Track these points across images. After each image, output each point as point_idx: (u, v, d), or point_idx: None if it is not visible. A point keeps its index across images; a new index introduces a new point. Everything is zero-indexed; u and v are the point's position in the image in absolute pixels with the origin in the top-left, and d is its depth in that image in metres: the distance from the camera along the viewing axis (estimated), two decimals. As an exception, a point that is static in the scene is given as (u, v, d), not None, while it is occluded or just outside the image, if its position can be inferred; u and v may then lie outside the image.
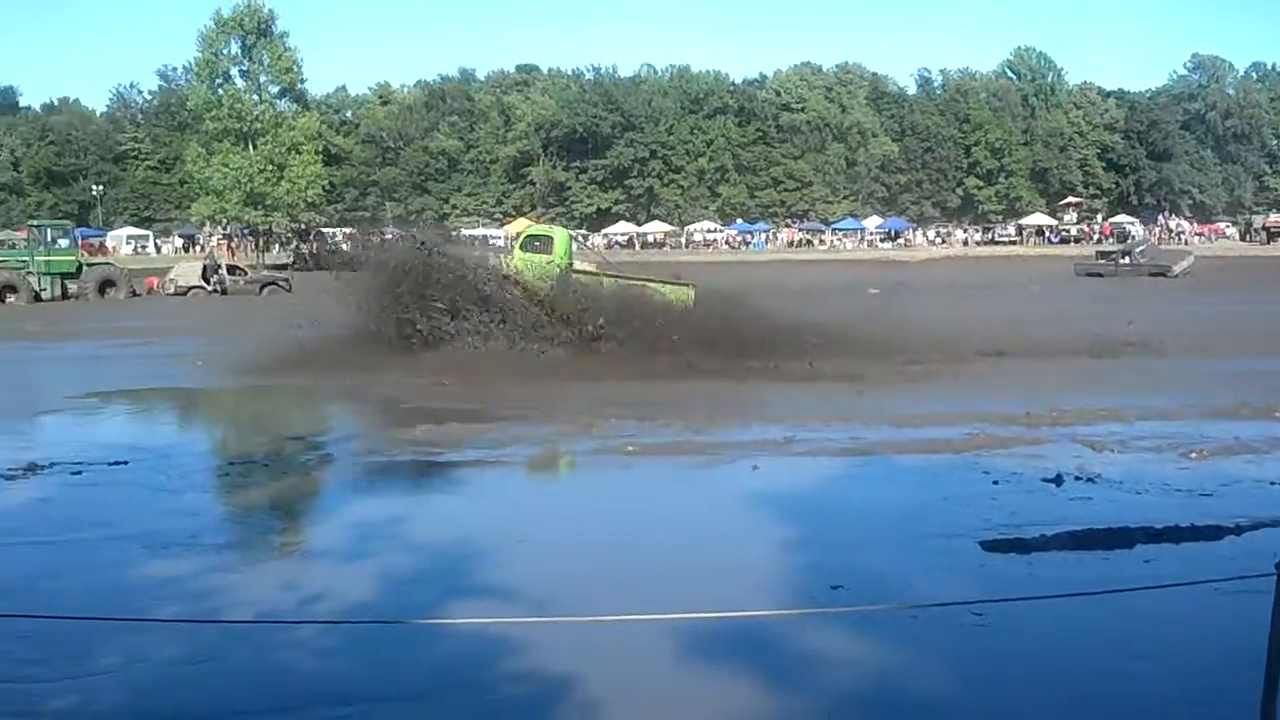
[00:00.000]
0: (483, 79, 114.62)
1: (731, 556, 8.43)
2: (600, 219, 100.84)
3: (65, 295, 42.81)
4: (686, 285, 23.34)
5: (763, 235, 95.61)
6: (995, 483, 10.45)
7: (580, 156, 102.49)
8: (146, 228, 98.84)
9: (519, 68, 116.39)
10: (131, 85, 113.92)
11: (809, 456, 11.89)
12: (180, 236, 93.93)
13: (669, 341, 19.65)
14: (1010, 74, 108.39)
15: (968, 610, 6.71)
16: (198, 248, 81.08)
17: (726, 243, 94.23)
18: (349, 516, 9.80)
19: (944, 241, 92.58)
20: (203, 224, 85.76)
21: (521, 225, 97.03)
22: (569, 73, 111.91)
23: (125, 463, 11.77)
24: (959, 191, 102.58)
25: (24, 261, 43.34)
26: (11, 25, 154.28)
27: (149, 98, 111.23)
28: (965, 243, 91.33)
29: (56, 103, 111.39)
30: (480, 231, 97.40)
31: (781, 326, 21.37)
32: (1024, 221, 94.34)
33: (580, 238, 33.27)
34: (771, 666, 6.07)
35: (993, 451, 11.95)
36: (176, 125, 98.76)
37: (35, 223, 51.06)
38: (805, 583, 7.59)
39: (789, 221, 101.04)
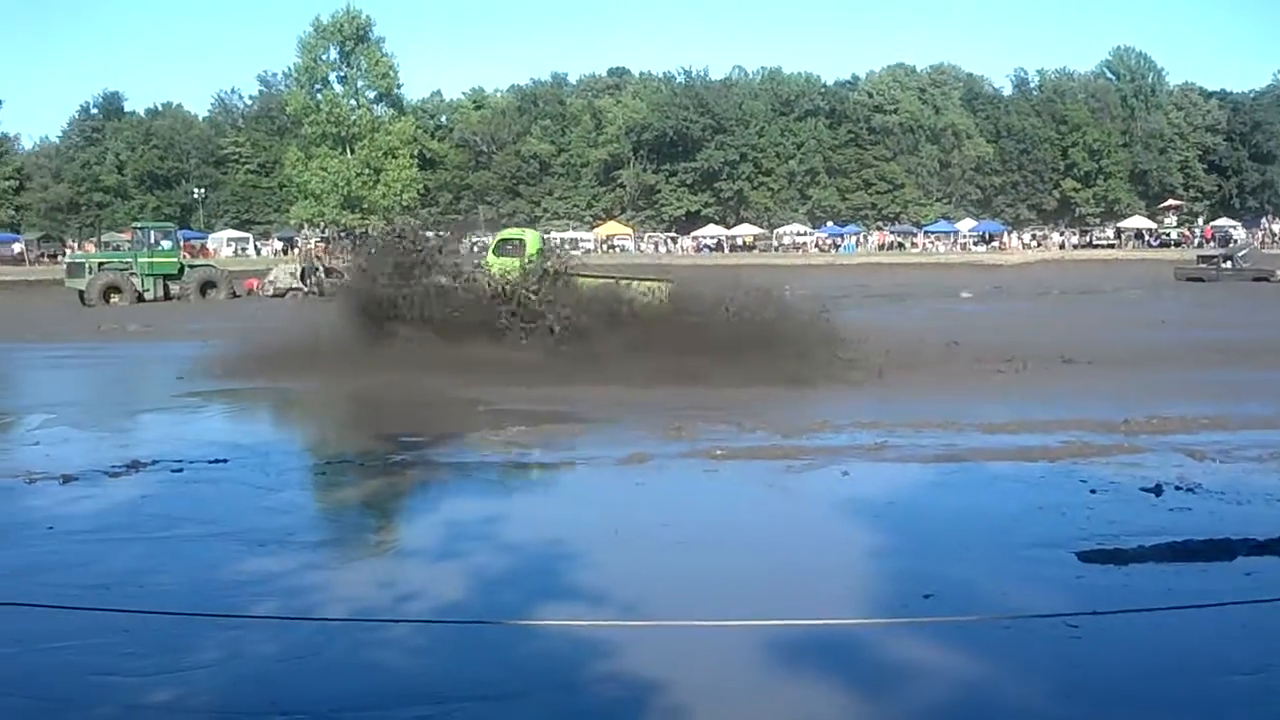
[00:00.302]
0: (575, 83, 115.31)
1: (821, 563, 8.37)
2: (689, 222, 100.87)
3: (168, 296, 43.90)
4: (661, 281, 23.43)
5: (853, 238, 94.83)
6: (1092, 492, 10.23)
7: (670, 159, 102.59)
8: (246, 230, 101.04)
9: (610, 71, 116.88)
10: (233, 90, 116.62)
11: (900, 463, 11.75)
12: (279, 239, 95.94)
13: (656, 337, 19.32)
14: (1109, 74, 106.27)
15: (1063, 622, 6.58)
16: (296, 250, 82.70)
17: (816, 245, 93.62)
18: (441, 516, 9.91)
19: (1040, 245, 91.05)
20: (300, 227, 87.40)
21: (611, 228, 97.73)
22: (660, 76, 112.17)
23: (225, 460, 12.04)
24: (1055, 194, 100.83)
25: (128, 263, 44.54)
26: (117, 32, 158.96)
27: (249, 103, 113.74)
28: (1062, 246, 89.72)
29: (160, 107, 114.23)
30: (570, 234, 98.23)
31: (866, 332, 21.16)
32: (1122, 225, 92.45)
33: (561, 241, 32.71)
34: (861, 676, 6.00)
35: (1090, 460, 11.70)
36: (276, 130, 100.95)
37: (139, 225, 52.46)
38: (896, 591, 7.50)
39: (880, 224, 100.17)
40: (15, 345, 28.61)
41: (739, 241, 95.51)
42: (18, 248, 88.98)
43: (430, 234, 24.38)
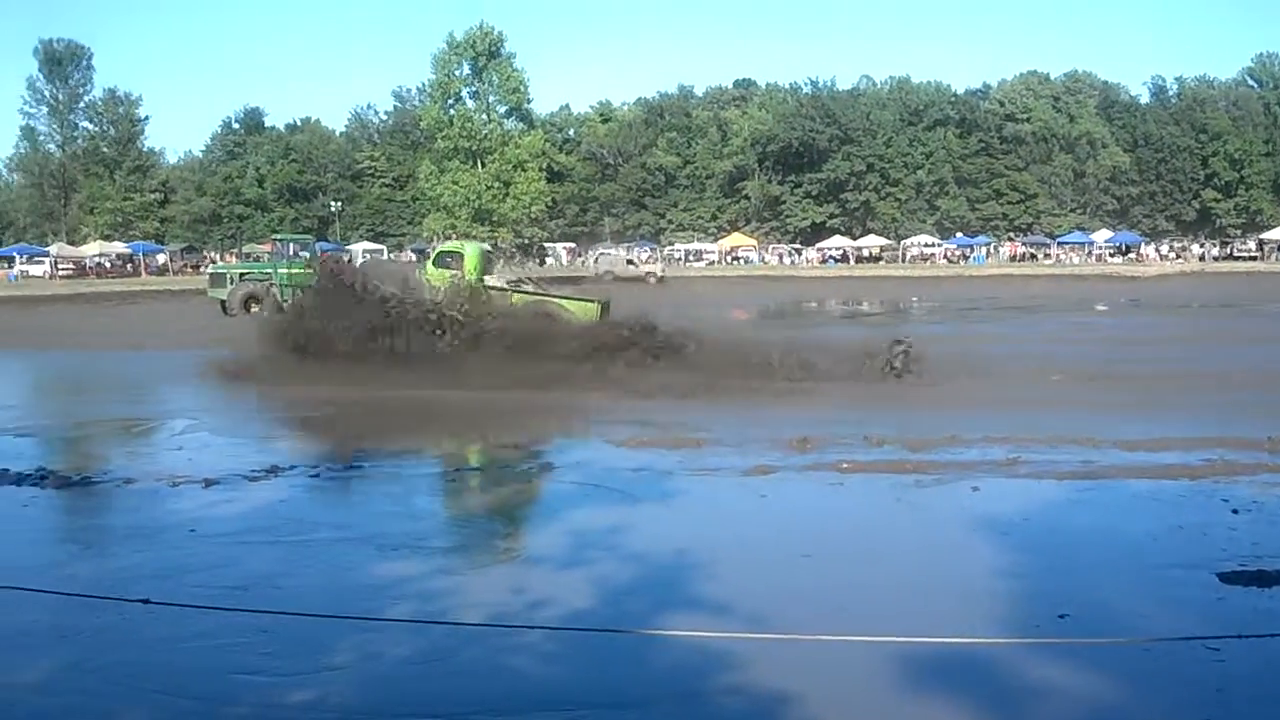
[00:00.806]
0: (700, 95, 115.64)
1: (950, 579, 8.22)
2: (815, 233, 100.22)
3: (306, 307, 45.04)
4: (592, 301, 24.35)
5: (983, 249, 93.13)
6: (1235, 511, 9.87)
7: (796, 170, 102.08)
8: (381, 242, 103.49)
9: (737, 83, 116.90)
10: (369, 106, 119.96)
11: (1034, 479, 11.48)
12: (412, 251, 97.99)
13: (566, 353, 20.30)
14: (1251, 81, 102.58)
15: (1203, 645, 6.36)
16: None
17: (945, 257, 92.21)
18: (568, 524, 9.98)
19: (1179, 256, 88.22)
20: (432, 239, 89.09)
21: (736, 240, 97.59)
22: (786, 87, 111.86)
23: (360, 466, 12.35)
24: (1195, 204, 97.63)
25: (268, 274, 45.78)
26: (258, 50, 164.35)
27: (385, 118, 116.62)
28: (1201, 258, 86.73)
29: (299, 123, 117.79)
30: (695, 246, 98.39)
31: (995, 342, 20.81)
32: (1265, 236, 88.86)
33: (506, 254, 33.25)
34: (992, 696, 5.88)
35: (1233, 479, 11.27)
36: (410, 144, 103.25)
37: (279, 237, 53.99)
38: (1029, 610, 7.33)
39: (1012, 235, 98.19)
40: (164, 353, 29.54)
41: (865, 253, 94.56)
42: (162, 258, 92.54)
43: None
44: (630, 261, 75.82)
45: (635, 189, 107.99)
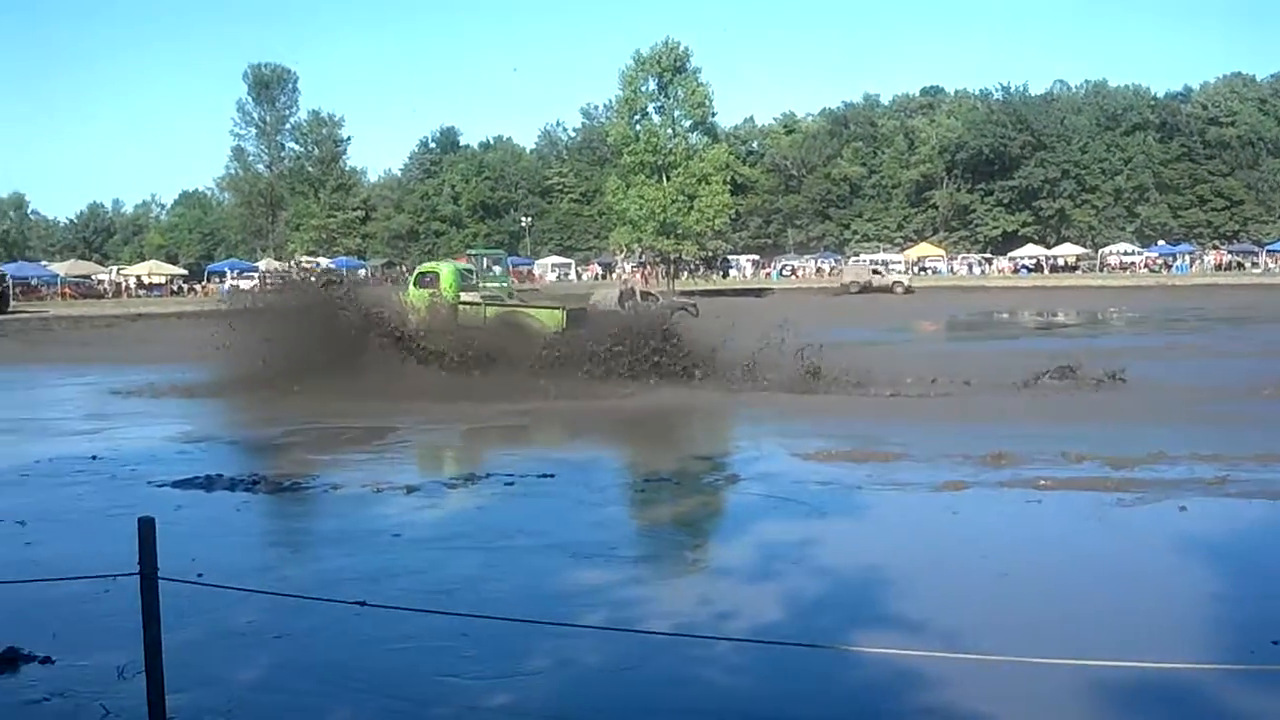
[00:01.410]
0: (887, 103, 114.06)
1: (1155, 602, 7.91)
2: (1006, 242, 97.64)
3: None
4: (558, 309, 25.72)
5: (1186, 257, 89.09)
6: None
7: (986, 178, 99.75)
8: (569, 256, 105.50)
9: (924, 90, 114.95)
10: (558, 124, 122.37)
11: (1244, 499, 10.95)
12: (599, 264, 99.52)
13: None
14: None
15: None
16: (613, 275, 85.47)
17: (1145, 265, 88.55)
18: (756, 536, 9.99)
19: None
20: (615, 252, 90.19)
21: (923, 250, 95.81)
22: (976, 93, 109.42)
23: (552, 476, 12.60)
24: None
25: (463, 288, 47.28)
26: (454, 71, 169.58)
27: (573, 135, 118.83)
28: None
29: (492, 141, 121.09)
30: (880, 256, 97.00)
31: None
32: None
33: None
34: (1202, 724, 5.66)
35: None
36: (597, 160, 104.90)
37: (473, 251, 55.64)
38: (1241, 636, 7.00)
39: (1217, 243, 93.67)
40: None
41: (1060, 262, 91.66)
42: (362, 273, 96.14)
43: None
44: (877, 271, 75.14)
45: (819, 200, 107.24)
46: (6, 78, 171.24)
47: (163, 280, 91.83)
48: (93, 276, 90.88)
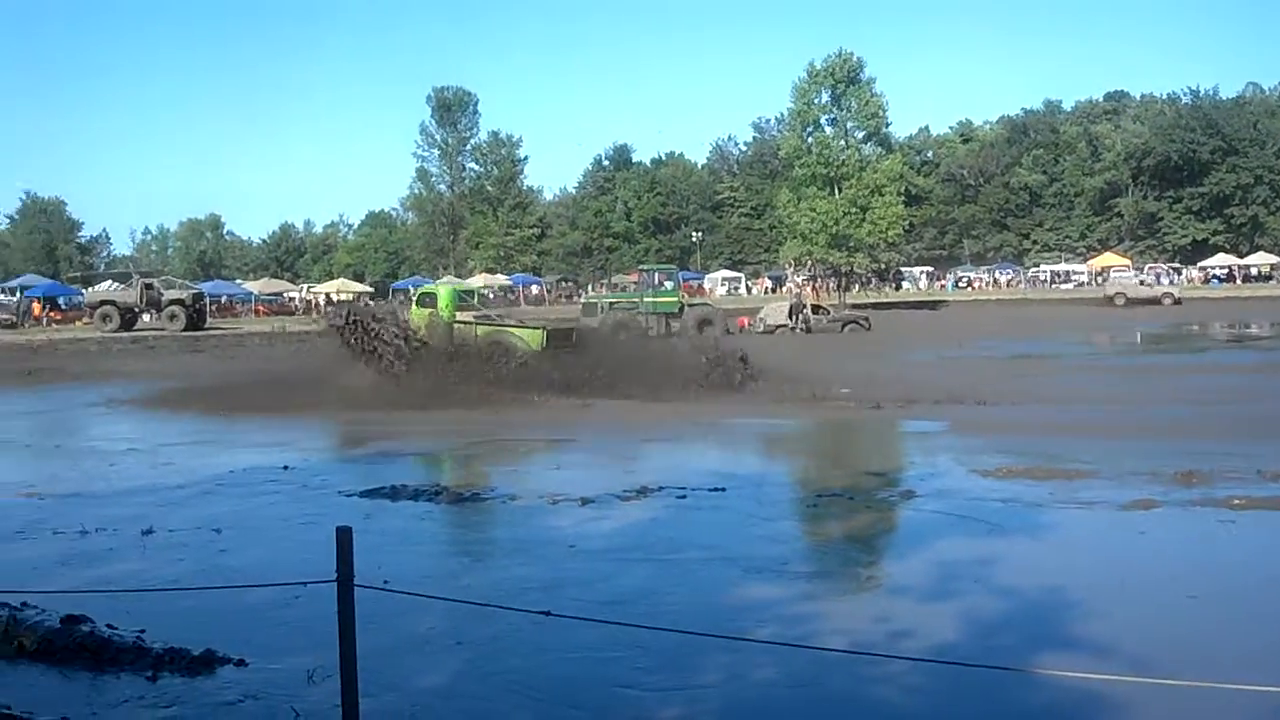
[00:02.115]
0: (1069, 109, 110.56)
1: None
2: (1196, 251, 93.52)
3: (668, 333, 46.47)
4: (539, 329, 27.61)
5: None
6: None
7: (1174, 185, 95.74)
8: (738, 270, 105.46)
9: (1108, 95, 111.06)
10: (729, 138, 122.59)
11: None
12: (769, 278, 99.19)
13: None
14: None
15: None
16: (784, 288, 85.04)
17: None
18: (933, 554, 9.81)
19: None
20: (786, 266, 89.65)
21: (1107, 260, 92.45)
22: (1163, 97, 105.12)
23: (723, 489, 12.62)
24: None
25: (635, 302, 47.69)
26: (627, 89, 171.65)
27: (744, 149, 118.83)
28: None
29: (664, 157, 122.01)
30: (1061, 266, 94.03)
31: None
32: None
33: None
34: None
35: None
36: (768, 173, 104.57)
37: (645, 267, 56.18)
38: None
39: None
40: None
41: (1253, 271, 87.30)
42: (536, 289, 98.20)
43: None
44: (1143, 283, 73.37)
45: (997, 209, 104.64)
46: (207, 106, 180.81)
47: (350, 297, 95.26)
48: (284, 294, 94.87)
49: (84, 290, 71.49)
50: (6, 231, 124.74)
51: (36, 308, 66.88)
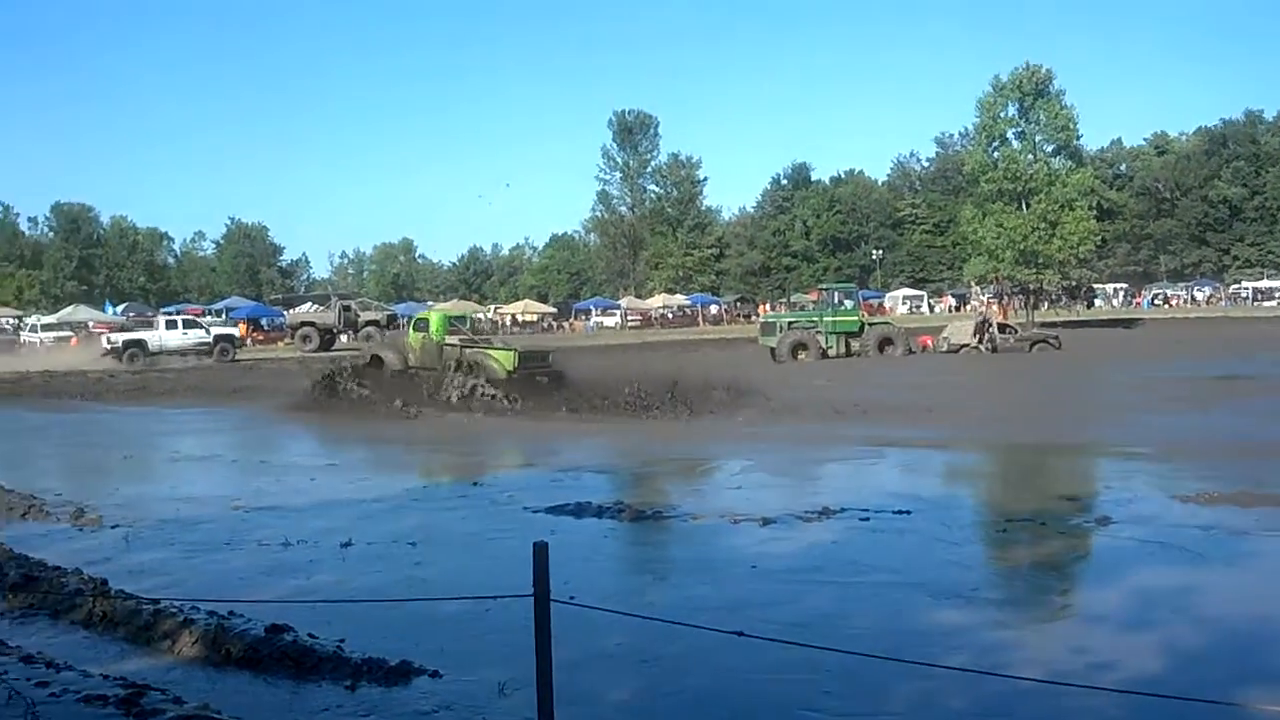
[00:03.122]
0: (1271, 119, 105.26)
1: None
2: None
3: (849, 352, 46.01)
4: (511, 351, 30.33)
5: None
6: None
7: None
8: (920, 288, 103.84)
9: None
10: (911, 154, 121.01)
11: None
12: (953, 296, 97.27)
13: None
14: None
15: None
16: (968, 306, 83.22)
17: None
18: (1131, 582, 9.43)
19: None
20: (970, 284, 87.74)
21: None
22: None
23: (908, 512, 12.40)
24: None
25: (814, 321, 47.35)
26: (806, 107, 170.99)
27: (926, 165, 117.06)
28: None
29: (843, 175, 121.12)
30: (1264, 284, 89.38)
31: None
32: None
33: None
34: None
35: None
36: (951, 189, 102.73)
37: (824, 286, 55.73)
38: None
39: None
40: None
41: None
42: (714, 309, 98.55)
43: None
44: None
45: (1194, 224, 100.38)
46: (400, 136, 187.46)
47: (535, 318, 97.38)
48: (472, 315, 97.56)
49: (285, 312, 74.91)
50: (213, 256, 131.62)
51: (241, 329, 70.44)
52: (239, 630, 7.83)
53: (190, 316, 61.98)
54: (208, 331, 55.56)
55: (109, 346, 52.13)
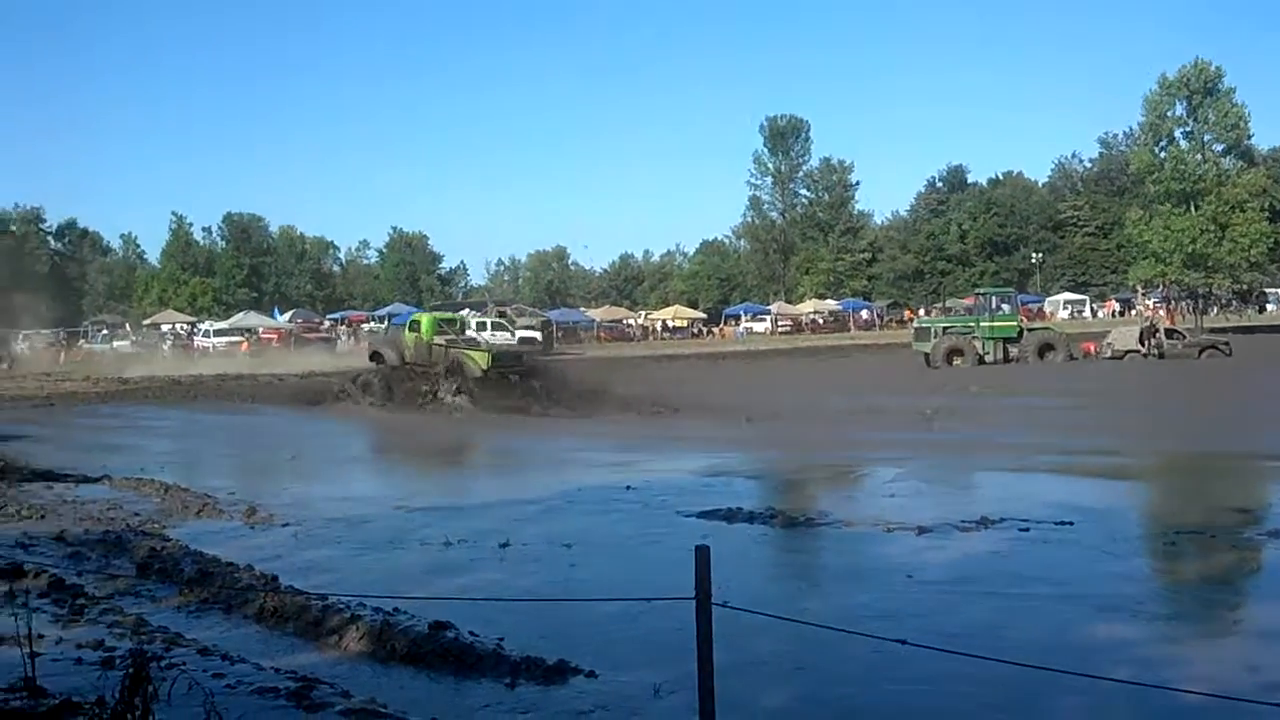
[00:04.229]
0: None
1: None
2: None
3: (1006, 359, 44.97)
4: (485, 351, 34.43)
5: None
6: None
7: None
8: (1082, 292, 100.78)
9: None
10: (1073, 155, 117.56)
11: None
12: (1116, 301, 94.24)
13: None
14: None
15: None
16: (1133, 311, 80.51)
17: None
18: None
19: None
20: (1135, 287, 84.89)
21: None
22: None
23: (1070, 523, 12.07)
24: None
25: (970, 327, 46.41)
26: (962, 108, 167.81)
27: (1089, 166, 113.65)
28: None
29: (1000, 177, 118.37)
30: None
31: None
32: None
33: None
34: None
35: None
36: (1115, 191, 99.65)
37: (981, 291, 54.53)
38: None
39: None
40: (890, 398, 30.91)
41: None
42: (866, 314, 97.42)
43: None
44: None
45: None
46: (553, 147, 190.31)
47: (684, 323, 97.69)
48: (624, 321, 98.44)
49: (443, 318, 76.93)
50: (376, 265, 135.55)
51: (405, 335, 72.76)
52: (403, 627, 8.08)
53: (498, 319, 66.71)
54: (512, 335, 61.60)
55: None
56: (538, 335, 65.56)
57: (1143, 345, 44.89)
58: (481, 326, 58.67)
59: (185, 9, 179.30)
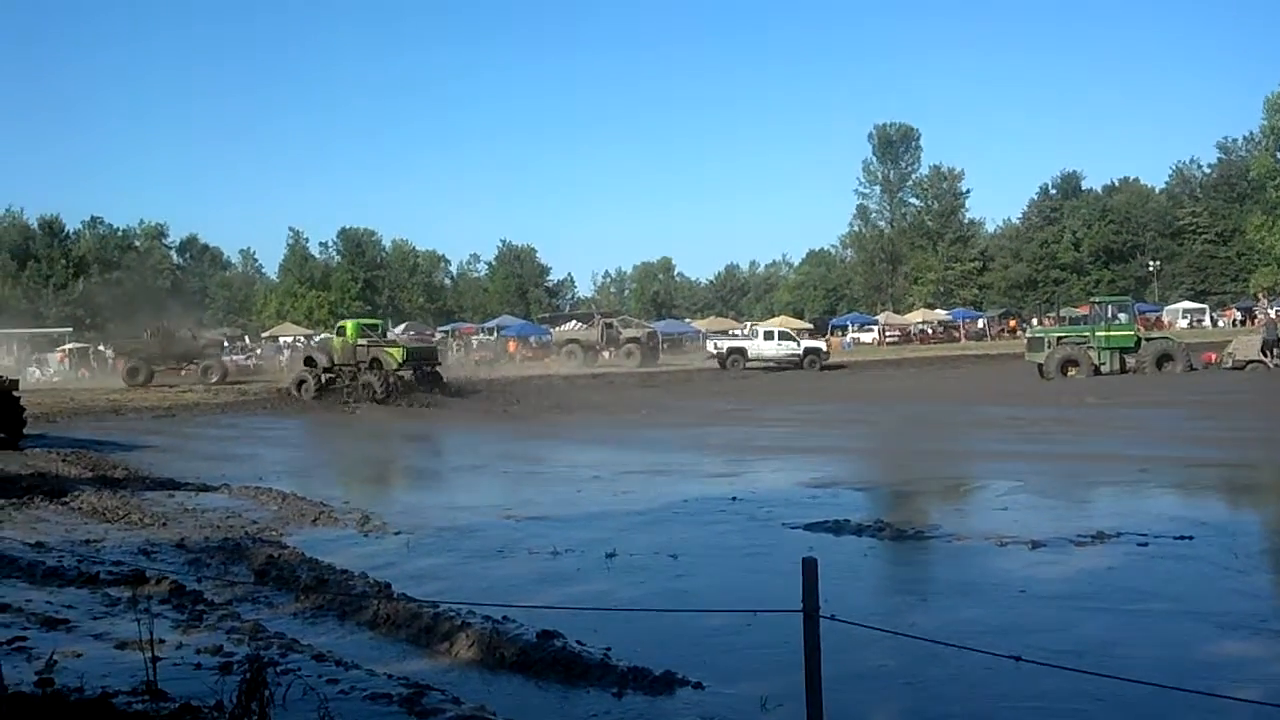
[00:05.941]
0: None
1: None
2: None
3: (1123, 369, 43.85)
4: (399, 348, 41.55)
5: None
6: None
7: None
8: (1202, 301, 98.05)
9: None
10: (1191, 160, 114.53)
11: None
12: (1238, 309, 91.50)
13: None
14: None
15: None
16: (1255, 320, 78.00)
17: None
18: None
19: None
20: (1257, 295, 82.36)
21: None
22: None
23: (1190, 538, 11.74)
24: None
25: (1085, 337, 45.35)
26: (1076, 114, 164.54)
27: (1208, 171, 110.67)
28: None
29: (1117, 183, 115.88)
30: None
31: None
32: None
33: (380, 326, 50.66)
34: None
35: None
36: (1235, 196, 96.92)
37: (1096, 299, 53.27)
38: None
39: None
40: (996, 407, 30.43)
41: None
42: (979, 323, 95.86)
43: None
44: None
45: None
46: (657, 159, 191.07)
47: (793, 333, 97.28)
48: (729, 331, 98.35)
49: (550, 330, 77.73)
50: (486, 277, 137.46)
51: (512, 346, 73.87)
52: (512, 635, 8.16)
53: (786, 329, 69.01)
54: (798, 344, 61.72)
55: (714, 353, 61.67)
56: (823, 346, 65.71)
57: (1266, 355, 43.42)
58: (769, 336, 61.78)
59: (301, 34, 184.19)
